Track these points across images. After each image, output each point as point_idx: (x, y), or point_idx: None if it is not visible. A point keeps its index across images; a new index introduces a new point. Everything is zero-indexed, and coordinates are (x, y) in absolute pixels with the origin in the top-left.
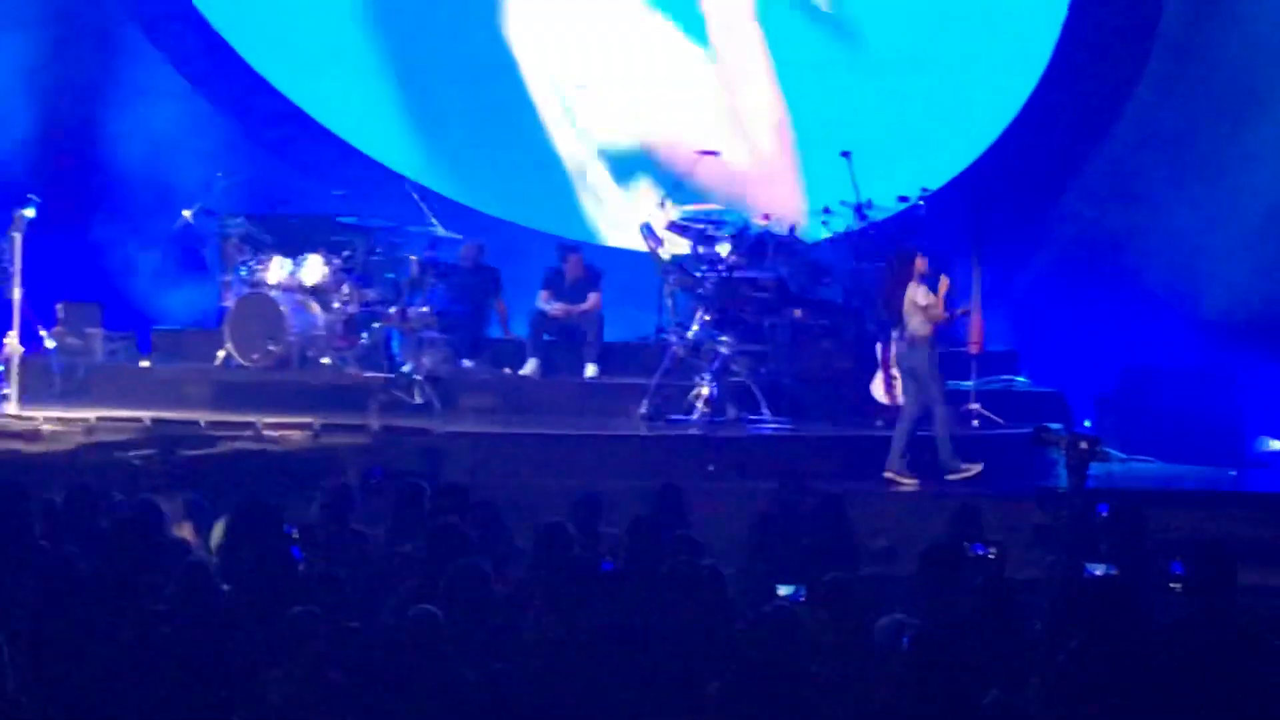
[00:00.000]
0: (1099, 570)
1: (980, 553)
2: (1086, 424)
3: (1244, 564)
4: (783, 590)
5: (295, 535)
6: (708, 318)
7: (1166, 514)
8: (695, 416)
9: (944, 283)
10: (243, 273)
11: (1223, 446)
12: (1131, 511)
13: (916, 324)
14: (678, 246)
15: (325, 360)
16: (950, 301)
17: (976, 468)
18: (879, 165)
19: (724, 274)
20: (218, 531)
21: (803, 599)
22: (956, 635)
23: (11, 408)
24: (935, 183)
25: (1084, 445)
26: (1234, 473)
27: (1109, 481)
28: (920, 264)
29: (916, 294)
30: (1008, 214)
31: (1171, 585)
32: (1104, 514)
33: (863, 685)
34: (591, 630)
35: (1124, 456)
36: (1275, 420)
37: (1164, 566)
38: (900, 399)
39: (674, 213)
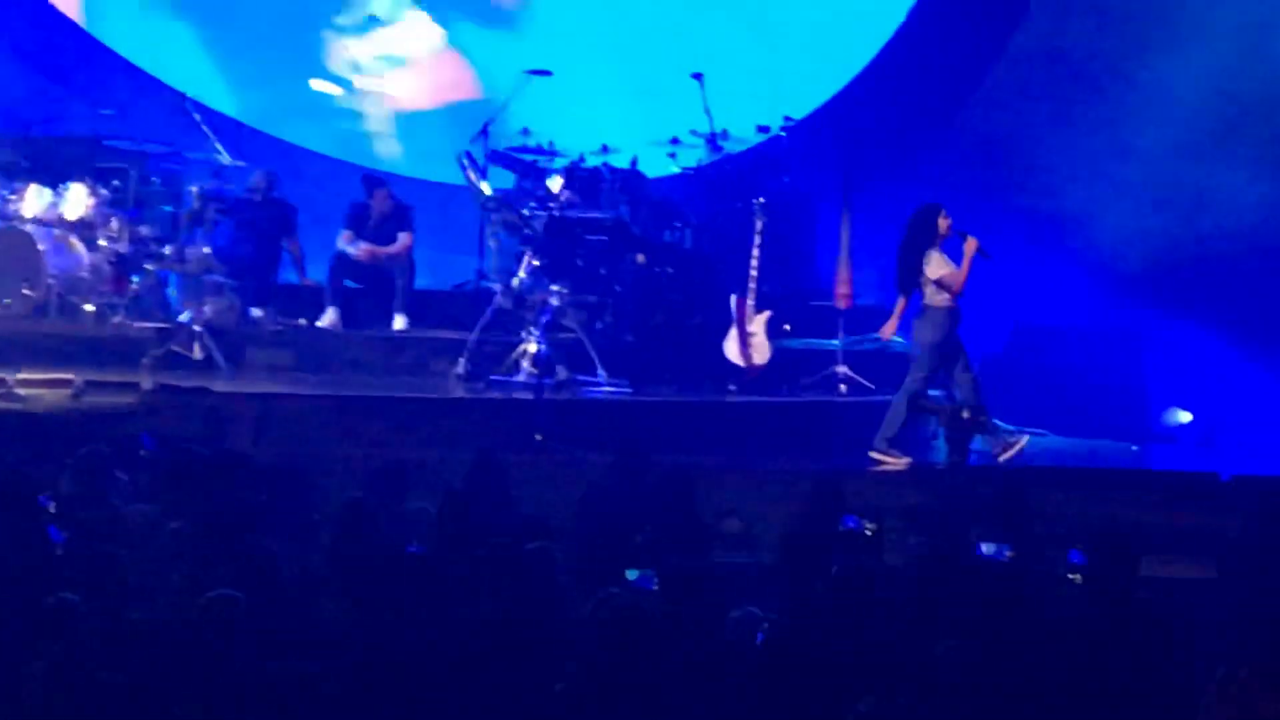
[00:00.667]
0: (989, 549)
1: (853, 527)
2: None
3: (1148, 553)
4: (631, 575)
5: (52, 510)
6: (536, 263)
7: (1060, 495)
8: (520, 377)
9: (970, 245)
10: None
11: (1125, 418)
12: (1019, 491)
13: (931, 292)
14: (502, 180)
15: (89, 307)
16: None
17: (904, 460)
18: (736, 89)
19: (555, 213)
20: None
21: (655, 586)
22: (820, 632)
23: None
24: (800, 111)
25: (966, 415)
26: (1136, 448)
27: (994, 457)
28: (943, 224)
29: (930, 263)
30: (882, 149)
31: (1070, 576)
32: (989, 494)
33: (714, 689)
34: (402, 623)
35: (1012, 428)
36: (1184, 388)
37: (1057, 555)
38: (757, 360)
39: (499, 141)
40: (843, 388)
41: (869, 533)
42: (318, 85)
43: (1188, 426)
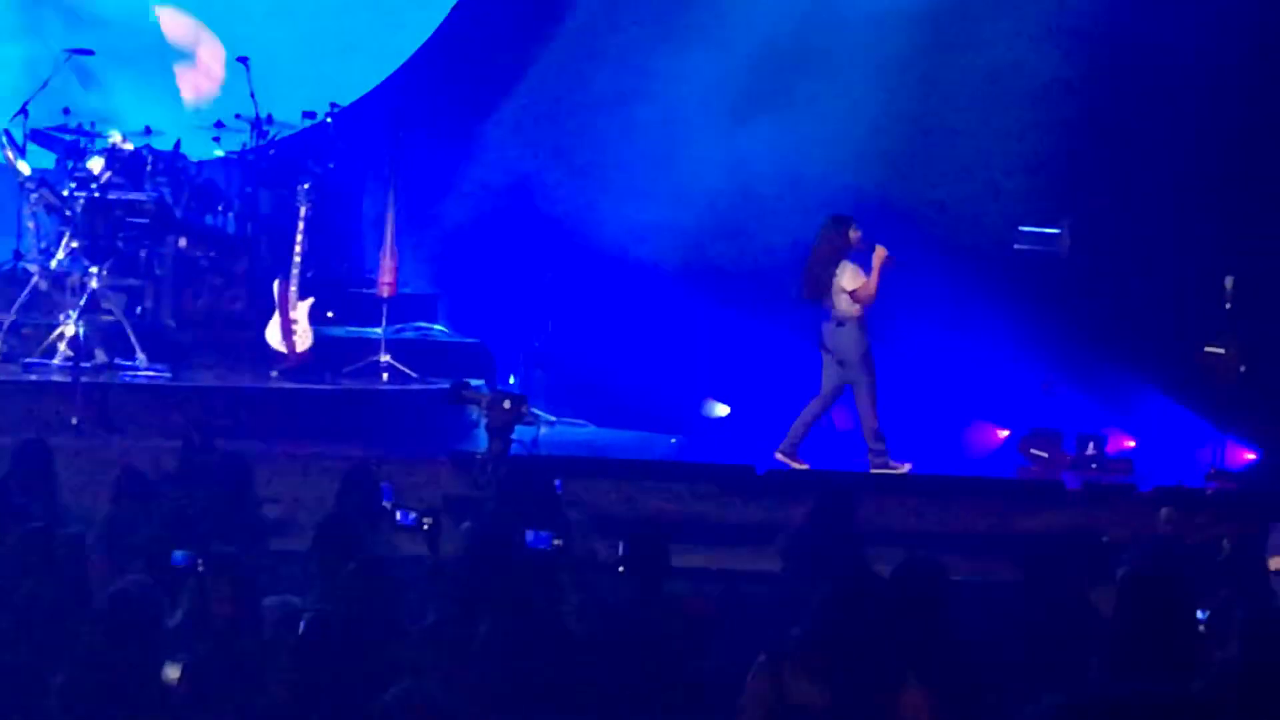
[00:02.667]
0: (534, 538)
1: (407, 524)
2: (512, 380)
3: (680, 544)
4: (178, 556)
5: None
6: (75, 245)
7: (598, 486)
8: (57, 361)
9: (879, 254)
10: None
11: (664, 410)
12: (547, 481)
13: (845, 303)
14: (43, 160)
15: None
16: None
17: (906, 466)
18: (284, 74)
19: (95, 194)
20: None
21: (200, 569)
22: (356, 619)
23: None
24: (347, 98)
25: (507, 405)
26: (675, 440)
27: (536, 447)
28: (854, 235)
29: (844, 274)
30: (429, 138)
31: (620, 570)
32: (528, 483)
33: (248, 677)
34: None
35: (553, 419)
36: (720, 381)
37: (594, 543)
38: (299, 346)
39: (39, 120)
40: (385, 376)
41: (426, 526)
42: None
43: (726, 420)
